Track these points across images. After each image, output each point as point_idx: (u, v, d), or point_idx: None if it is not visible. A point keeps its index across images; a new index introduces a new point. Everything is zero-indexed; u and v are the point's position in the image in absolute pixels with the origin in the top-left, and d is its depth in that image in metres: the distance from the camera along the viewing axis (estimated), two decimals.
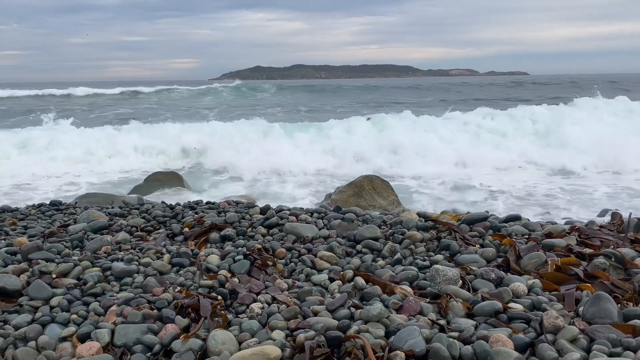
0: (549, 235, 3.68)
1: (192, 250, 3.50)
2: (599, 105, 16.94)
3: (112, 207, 4.83)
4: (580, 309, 2.51)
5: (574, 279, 2.94)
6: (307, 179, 10.53)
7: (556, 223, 4.26)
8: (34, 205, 5.01)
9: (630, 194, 8.84)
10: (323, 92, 38.79)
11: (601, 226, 4.05)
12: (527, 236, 3.72)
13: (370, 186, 7.68)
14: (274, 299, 2.77)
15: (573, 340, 2.17)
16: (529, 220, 4.22)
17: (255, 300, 2.75)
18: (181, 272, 3.22)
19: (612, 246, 3.38)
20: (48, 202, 5.10)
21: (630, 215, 3.83)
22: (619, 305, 2.52)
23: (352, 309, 2.55)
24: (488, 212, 4.23)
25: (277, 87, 42.09)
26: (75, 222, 4.30)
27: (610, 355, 2.02)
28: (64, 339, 2.43)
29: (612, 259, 3.12)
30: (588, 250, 3.32)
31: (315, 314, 2.55)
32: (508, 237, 3.60)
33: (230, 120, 16.35)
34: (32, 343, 2.40)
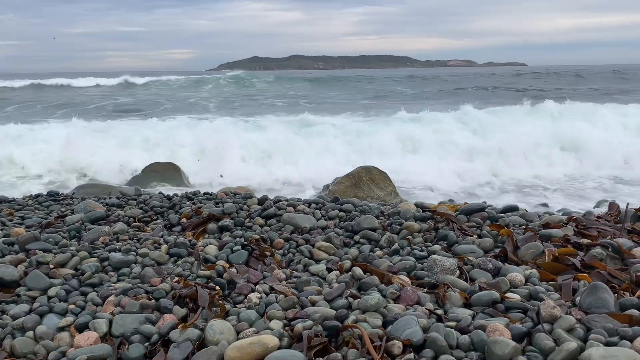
0: (546, 225, 3.69)
1: (189, 241, 3.50)
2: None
3: (110, 198, 4.82)
4: (577, 298, 2.52)
5: (571, 269, 2.94)
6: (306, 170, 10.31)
7: (554, 214, 4.27)
8: (31, 196, 4.99)
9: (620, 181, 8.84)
10: (322, 82, 38.01)
11: (598, 217, 4.06)
12: (524, 227, 3.72)
13: (368, 177, 7.67)
14: (272, 289, 2.77)
15: (570, 330, 2.17)
16: (526, 210, 4.23)
17: (253, 290, 2.76)
18: (179, 262, 3.22)
19: (610, 236, 3.39)
20: (45, 193, 5.08)
21: (627, 206, 3.84)
22: (616, 295, 2.52)
23: (350, 299, 2.56)
24: (485, 203, 4.24)
25: (276, 77, 41.06)
26: (72, 213, 4.29)
27: (607, 344, 2.03)
28: (61, 329, 2.43)
29: (609, 249, 3.13)
30: (585, 241, 3.33)
31: (313, 303, 2.55)
32: (506, 228, 3.61)
33: (233, 112, 15.79)
34: (30, 333, 2.40)
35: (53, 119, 15.81)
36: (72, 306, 2.61)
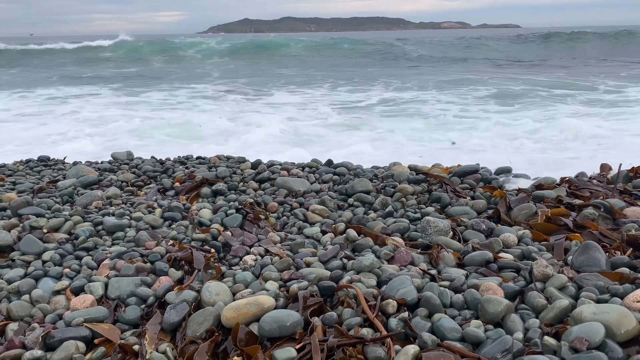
0: (539, 187, 3.70)
1: (184, 205, 3.49)
2: None
3: (102, 163, 4.78)
4: (569, 258, 2.55)
5: (564, 229, 2.97)
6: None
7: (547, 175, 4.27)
8: (21, 161, 4.94)
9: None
10: (328, 49, 31.71)
11: (591, 177, 4.07)
12: (517, 188, 3.74)
13: None
14: (267, 251, 2.78)
15: (562, 288, 2.20)
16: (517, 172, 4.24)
17: (248, 253, 2.77)
18: (173, 226, 3.22)
19: (602, 197, 3.41)
20: (36, 158, 5.03)
21: (620, 167, 3.85)
22: (607, 254, 2.55)
23: (344, 260, 2.57)
24: (479, 165, 4.24)
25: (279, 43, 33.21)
26: (64, 178, 4.26)
27: (598, 301, 2.06)
28: (57, 292, 2.44)
29: (601, 210, 3.15)
30: (578, 201, 3.35)
31: (308, 265, 2.57)
32: (499, 189, 3.62)
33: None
34: (26, 297, 2.40)
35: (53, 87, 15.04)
36: (67, 270, 2.61)
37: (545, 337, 1.86)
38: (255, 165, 4.31)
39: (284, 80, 17.70)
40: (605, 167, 4.32)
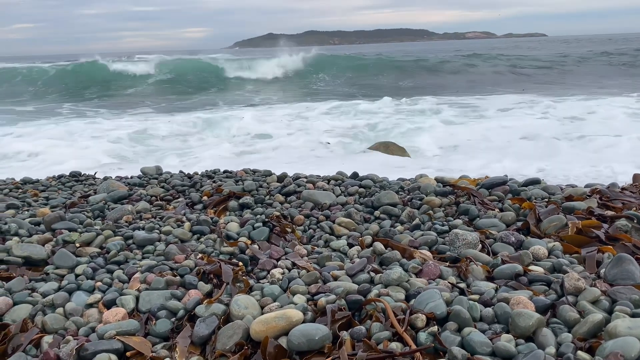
0: (569, 198, 3.64)
1: (211, 218, 3.54)
2: None
3: (131, 178, 4.88)
4: (602, 270, 2.50)
5: (595, 241, 2.91)
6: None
7: (576, 186, 4.20)
8: (54, 177, 5.07)
9: None
10: (355, 64, 29.53)
11: (623, 188, 3.98)
12: (547, 199, 3.68)
13: (386, 152, 7.65)
14: (294, 264, 2.80)
15: (595, 302, 2.16)
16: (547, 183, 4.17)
17: (275, 266, 2.78)
18: (202, 239, 3.26)
19: (635, 208, 3.33)
20: (67, 173, 5.16)
21: None
22: None
23: (372, 274, 2.57)
24: (507, 176, 4.19)
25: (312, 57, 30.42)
26: (95, 193, 4.36)
27: (633, 315, 2.01)
28: (90, 305, 2.49)
29: (635, 221, 3.08)
30: (609, 213, 3.28)
31: (335, 278, 2.57)
32: (528, 201, 3.57)
33: None
34: (60, 310, 2.46)
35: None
36: (99, 283, 2.66)
37: (579, 352, 1.82)
38: (281, 178, 4.34)
39: None
40: (638, 177, 4.23)
